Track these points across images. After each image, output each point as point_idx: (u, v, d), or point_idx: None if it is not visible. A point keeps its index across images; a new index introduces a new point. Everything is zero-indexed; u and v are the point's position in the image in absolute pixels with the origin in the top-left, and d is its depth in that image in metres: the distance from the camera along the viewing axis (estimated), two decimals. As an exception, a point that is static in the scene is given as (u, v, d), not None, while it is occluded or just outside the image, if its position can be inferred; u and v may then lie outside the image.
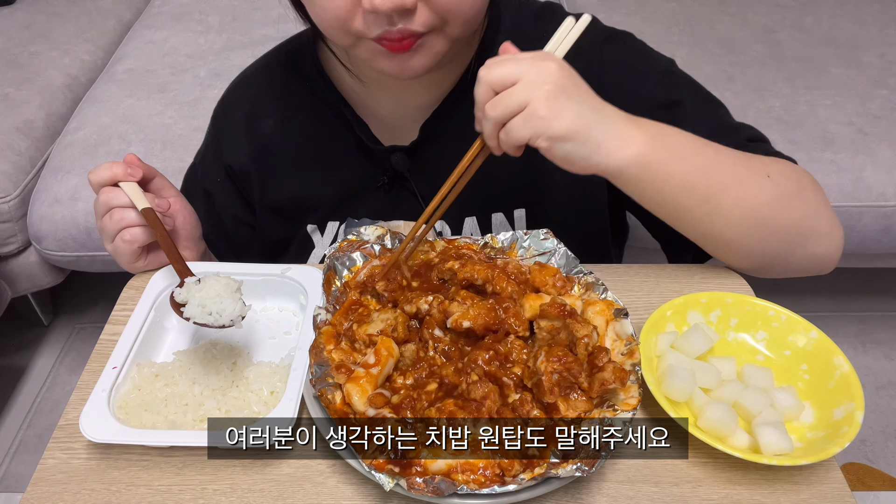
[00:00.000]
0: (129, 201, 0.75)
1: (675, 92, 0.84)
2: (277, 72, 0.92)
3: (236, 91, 0.95)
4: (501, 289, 0.70)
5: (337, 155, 0.90)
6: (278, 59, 0.93)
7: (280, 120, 0.90)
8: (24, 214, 1.62)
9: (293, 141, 0.91)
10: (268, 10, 2.12)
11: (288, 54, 0.92)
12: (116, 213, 0.76)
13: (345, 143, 0.89)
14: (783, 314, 0.71)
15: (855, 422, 0.61)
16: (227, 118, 0.94)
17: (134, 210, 0.76)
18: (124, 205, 0.76)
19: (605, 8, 2.06)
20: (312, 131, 0.90)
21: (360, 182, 0.90)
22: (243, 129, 0.92)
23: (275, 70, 0.92)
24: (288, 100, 0.90)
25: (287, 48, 0.93)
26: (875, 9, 2.09)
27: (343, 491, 0.61)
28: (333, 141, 0.89)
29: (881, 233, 1.61)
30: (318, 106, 0.89)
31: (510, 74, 0.64)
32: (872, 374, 1.82)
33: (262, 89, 0.92)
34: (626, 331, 0.67)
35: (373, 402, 0.61)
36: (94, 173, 0.77)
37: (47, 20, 2.10)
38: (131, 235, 0.76)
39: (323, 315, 0.69)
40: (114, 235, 0.77)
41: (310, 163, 0.91)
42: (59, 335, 1.95)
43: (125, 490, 0.61)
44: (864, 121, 1.67)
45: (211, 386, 0.66)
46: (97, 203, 0.78)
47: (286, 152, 0.91)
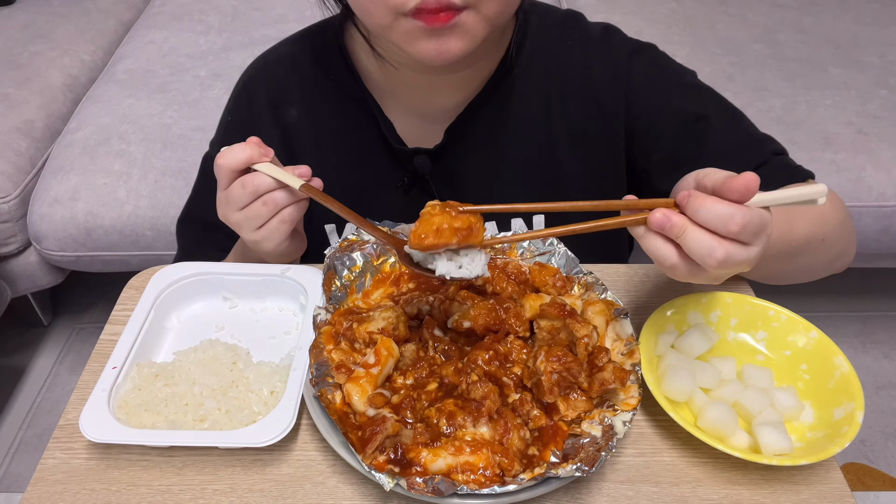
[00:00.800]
0: (274, 182, 0.72)
1: (701, 106, 0.84)
2: (304, 60, 0.90)
3: (260, 73, 0.92)
4: (501, 289, 0.70)
5: (359, 150, 0.89)
6: (303, 47, 0.91)
7: (304, 109, 0.89)
8: (24, 214, 1.62)
9: (316, 131, 0.89)
10: (268, 10, 2.12)
11: (315, 44, 0.90)
12: (269, 197, 0.72)
13: (368, 139, 0.88)
14: (783, 314, 0.72)
15: (855, 422, 0.61)
16: (252, 102, 0.92)
17: (282, 190, 0.73)
18: (273, 187, 0.73)
19: (605, 8, 2.06)
20: (336, 124, 0.89)
21: (380, 180, 0.89)
22: (269, 114, 0.90)
23: (300, 58, 0.90)
24: (313, 90, 0.89)
25: (314, 38, 0.91)
26: (875, 9, 2.09)
27: (343, 491, 0.61)
28: (356, 136, 0.88)
29: (881, 233, 1.61)
30: (343, 99, 0.88)
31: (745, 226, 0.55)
32: (872, 374, 1.82)
33: (288, 76, 0.90)
34: (626, 331, 0.67)
35: (373, 402, 0.61)
36: (225, 158, 0.73)
37: (47, 20, 2.10)
38: (289, 215, 0.74)
39: (323, 315, 0.69)
40: (267, 220, 0.73)
41: (331, 155, 0.89)
42: (59, 335, 1.95)
43: (125, 490, 0.61)
44: (864, 121, 1.67)
45: (211, 386, 0.66)
46: (234, 192, 0.73)
47: (309, 142, 0.89)
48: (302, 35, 0.92)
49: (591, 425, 0.60)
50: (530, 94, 0.86)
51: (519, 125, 0.87)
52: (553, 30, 0.88)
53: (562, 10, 0.91)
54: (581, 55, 0.87)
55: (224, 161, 0.73)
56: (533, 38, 0.86)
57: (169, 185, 1.56)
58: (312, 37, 0.91)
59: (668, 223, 0.56)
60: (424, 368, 0.65)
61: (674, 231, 0.56)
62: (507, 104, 0.86)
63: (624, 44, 0.87)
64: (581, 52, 0.87)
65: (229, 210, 0.75)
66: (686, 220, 0.56)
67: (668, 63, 0.88)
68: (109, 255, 1.61)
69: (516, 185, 0.88)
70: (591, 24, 0.90)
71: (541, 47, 0.86)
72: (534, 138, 0.87)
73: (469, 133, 0.86)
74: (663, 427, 0.65)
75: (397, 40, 0.71)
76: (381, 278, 0.76)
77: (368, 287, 0.75)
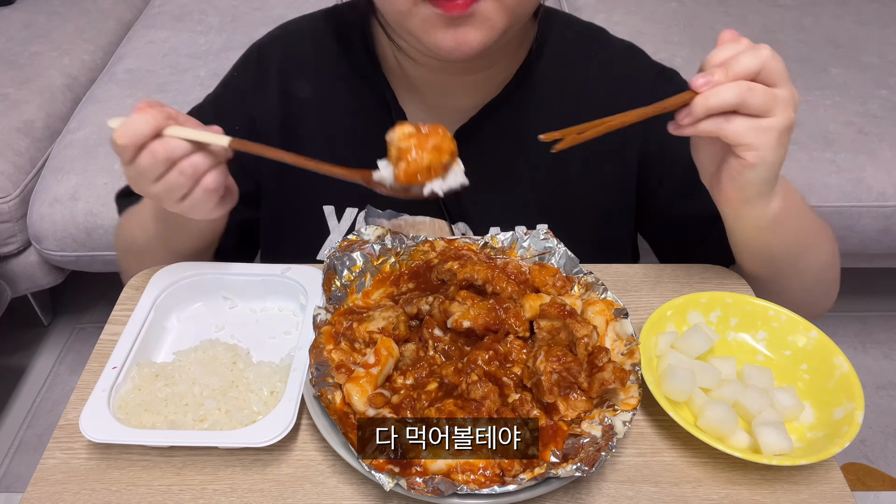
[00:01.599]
0: (188, 146, 0.64)
1: None
2: (325, 36, 0.88)
3: (277, 42, 0.90)
4: (501, 289, 0.70)
5: (368, 135, 0.86)
6: (327, 23, 0.89)
7: (317, 85, 0.87)
8: (24, 214, 1.63)
9: (326, 109, 0.88)
10: (268, 10, 2.12)
11: (339, 22, 0.88)
12: (185, 163, 0.64)
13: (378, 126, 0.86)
14: (783, 314, 0.71)
15: (855, 422, 0.61)
16: (262, 67, 0.88)
17: (200, 153, 0.65)
18: (187, 151, 0.64)
19: (605, 8, 2.06)
20: (348, 105, 0.87)
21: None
22: (277, 84, 0.87)
23: (321, 35, 0.88)
24: (329, 68, 0.87)
25: (340, 16, 0.89)
26: (875, 9, 2.09)
27: (343, 491, 0.61)
28: (368, 120, 0.87)
29: (881, 233, 1.61)
30: (358, 82, 0.87)
31: (775, 74, 0.61)
32: (872, 374, 1.82)
33: (305, 50, 0.88)
34: (626, 331, 0.67)
35: (373, 402, 0.61)
36: (124, 133, 0.62)
37: (47, 20, 2.10)
38: (213, 182, 0.66)
39: (323, 315, 0.69)
40: (189, 190, 0.66)
41: (340, 135, 0.88)
42: (59, 335, 1.95)
43: (125, 490, 0.61)
44: (864, 121, 1.67)
45: (211, 386, 0.66)
46: (144, 163, 0.63)
47: (317, 120, 0.88)
48: (327, 12, 0.91)
49: (591, 425, 0.60)
50: (546, 104, 0.86)
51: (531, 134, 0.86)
52: (575, 41, 0.87)
53: (584, 21, 0.91)
54: (602, 70, 0.86)
55: (123, 139, 0.62)
56: (553, 47, 0.85)
57: (169, 185, 1.56)
58: (338, 15, 0.89)
59: (710, 76, 0.61)
60: (424, 368, 0.65)
61: (716, 75, 0.61)
62: (522, 112, 0.85)
63: (650, 66, 0.88)
64: (602, 67, 0.86)
65: (144, 183, 0.66)
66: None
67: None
68: (109, 255, 1.61)
69: (522, 193, 0.88)
70: (615, 39, 0.90)
71: (561, 57, 0.86)
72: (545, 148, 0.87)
73: (480, 136, 0.85)
74: (663, 427, 0.65)
75: (415, 29, 0.70)
76: (381, 278, 0.76)
77: (368, 287, 0.75)
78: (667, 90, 0.84)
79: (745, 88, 0.60)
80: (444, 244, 0.77)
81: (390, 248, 0.77)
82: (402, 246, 0.77)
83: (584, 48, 0.87)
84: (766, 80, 0.61)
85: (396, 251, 0.77)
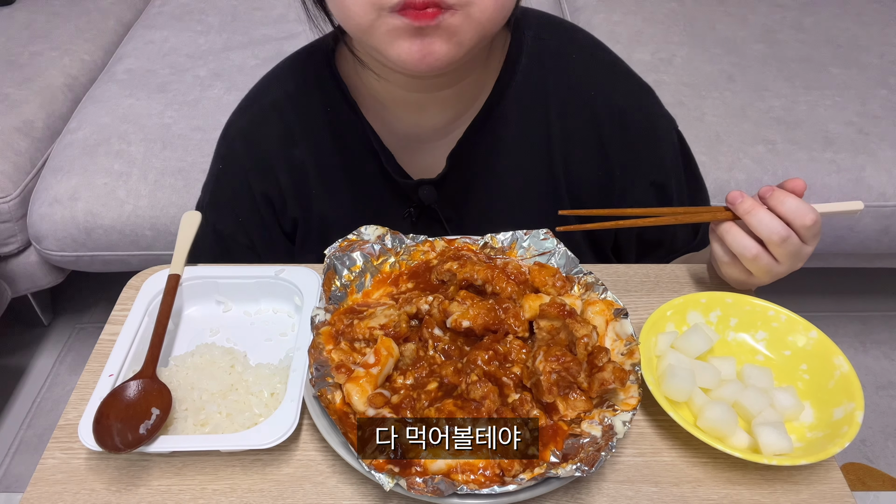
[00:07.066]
0: None
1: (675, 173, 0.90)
2: (299, 97, 0.86)
3: (257, 121, 0.88)
4: (501, 289, 0.70)
5: (363, 184, 0.87)
6: (296, 83, 0.87)
7: (309, 146, 0.87)
8: (24, 214, 1.63)
9: (321, 168, 0.87)
10: (268, 10, 2.12)
11: (307, 75, 0.87)
12: None
13: (371, 172, 0.86)
14: (783, 314, 0.71)
15: (855, 422, 0.61)
16: (255, 149, 0.88)
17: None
18: None
19: (605, 8, 2.06)
20: (338, 160, 0.87)
21: (387, 211, 0.88)
22: (279, 155, 0.87)
23: (295, 95, 0.86)
24: (313, 127, 0.86)
25: (305, 68, 0.87)
26: (875, 9, 2.09)
27: (343, 491, 0.61)
28: (360, 170, 0.87)
29: (881, 233, 1.61)
30: (342, 133, 0.86)
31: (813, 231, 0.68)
32: (872, 374, 1.82)
33: (289, 118, 0.87)
34: (626, 331, 0.67)
35: (373, 401, 0.61)
36: None
37: (47, 20, 2.10)
38: None
39: (322, 315, 0.69)
40: None
41: (337, 191, 0.88)
42: (59, 335, 1.95)
43: (125, 490, 0.61)
44: (864, 121, 1.67)
45: (210, 390, 0.66)
46: None
47: (316, 180, 0.88)
48: (292, 67, 0.89)
49: (591, 425, 0.60)
50: (528, 112, 0.85)
51: (518, 146, 0.86)
52: (550, 41, 0.86)
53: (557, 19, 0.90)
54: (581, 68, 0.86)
55: None
56: (528, 54, 0.84)
57: (169, 185, 1.56)
58: (303, 67, 0.88)
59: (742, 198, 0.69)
60: (424, 368, 0.65)
61: (745, 206, 0.68)
62: (506, 125, 0.85)
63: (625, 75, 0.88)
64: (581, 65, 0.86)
65: None
66: (757, 202, 0.69)
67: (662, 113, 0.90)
68: (109, 254, 1.61)
69: (522, 204, 0.88)
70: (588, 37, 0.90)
71: (537, 61, 0.84)
72: (534, 158, 0.86)
73: (471, 157, 0.85)
74: (663, 427, 0.65)
75: (378, 43, 0.67)
76: (381, 278, 0.76)
77: (369, 287, 0.75)
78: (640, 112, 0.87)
79: (784, 235, 0.67)
80: (443, 244, 0.77)
81: (390, 248, 0.77)
82: (401, 246, 0.77)
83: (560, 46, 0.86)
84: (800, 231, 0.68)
85: (396, 251, 0.77)
